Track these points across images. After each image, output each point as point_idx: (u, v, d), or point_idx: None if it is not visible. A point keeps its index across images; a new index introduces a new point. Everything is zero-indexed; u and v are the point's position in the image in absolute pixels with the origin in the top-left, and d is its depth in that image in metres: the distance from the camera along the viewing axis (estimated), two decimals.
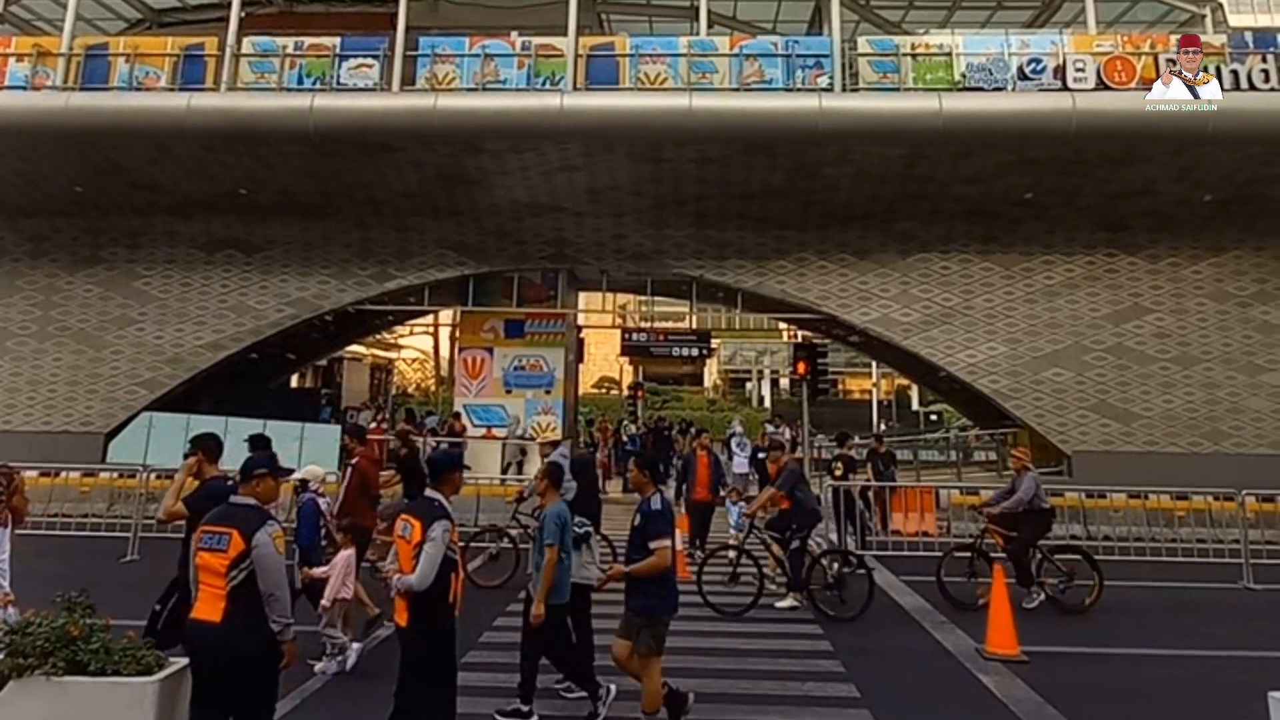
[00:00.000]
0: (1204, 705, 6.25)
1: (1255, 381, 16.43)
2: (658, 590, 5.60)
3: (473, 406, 18.98)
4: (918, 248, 17.28)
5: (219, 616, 4.02)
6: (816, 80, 15.06)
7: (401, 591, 4.52)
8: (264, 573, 4.08)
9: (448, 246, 17.84)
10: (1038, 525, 9.24)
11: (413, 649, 4.61)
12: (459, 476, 5.12)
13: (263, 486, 4.43)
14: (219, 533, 4.13)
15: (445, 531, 4.53)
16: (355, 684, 6.48)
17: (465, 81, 15.38)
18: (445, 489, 4.87)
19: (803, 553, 8.98)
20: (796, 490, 9.22)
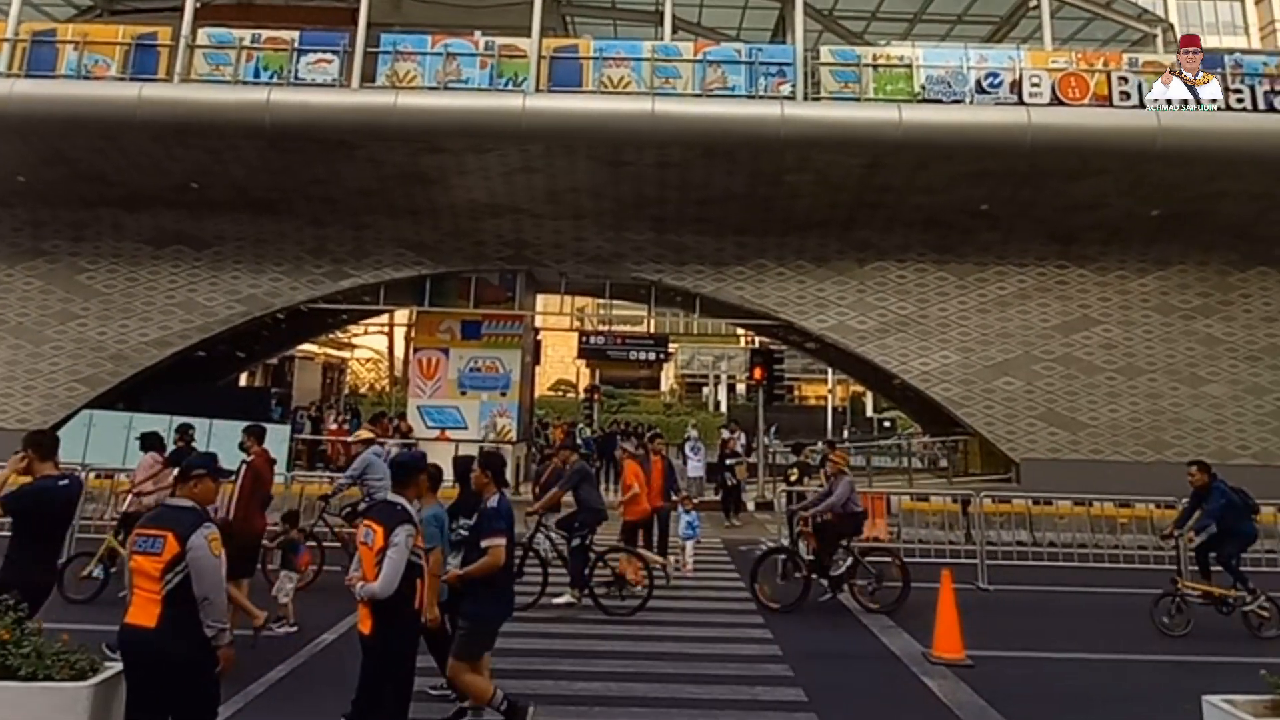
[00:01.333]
0: (1141, 709, 6.35)
1: (1197, 393, 16.93)
2: (488, 592, 5.36)
3: (427, 408, 18.80)
4: (875, 256, 17.50)
5: (153, 621, 3.88)
6: (779, 88, 15.22)
7: (364, 599, 4.41)
8: (199, 576, 3.94)
9: (405, 246, 17.64)
10: (848, 526, 9.42)
11: (376, 658, 4.49)
12: (424, 480, 5.05)
13: (201, 488, 4.27)
14: (153, 535, 3.98)
15: (409, 537, 4.42)
16: (300, 688, 6.33)
17: (427, 80, 15.26)
18: (409, 492, 4.78)
19: (585, 551, 8.92)
20: (580, 489, 9.24)
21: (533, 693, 6.18)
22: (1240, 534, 8.86)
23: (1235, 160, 14.97)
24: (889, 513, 13.69)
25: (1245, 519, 8.85)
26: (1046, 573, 11.24)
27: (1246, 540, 8.90)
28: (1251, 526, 8.94)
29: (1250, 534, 8.93)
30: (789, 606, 9.03)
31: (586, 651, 7.32)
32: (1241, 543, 8.87)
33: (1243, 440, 16.71)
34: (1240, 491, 8.96)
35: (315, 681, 6.38)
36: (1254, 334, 17.21)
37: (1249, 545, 9.00)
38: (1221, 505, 8.76)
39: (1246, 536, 8.89)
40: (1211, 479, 9.05)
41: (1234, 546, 8.82)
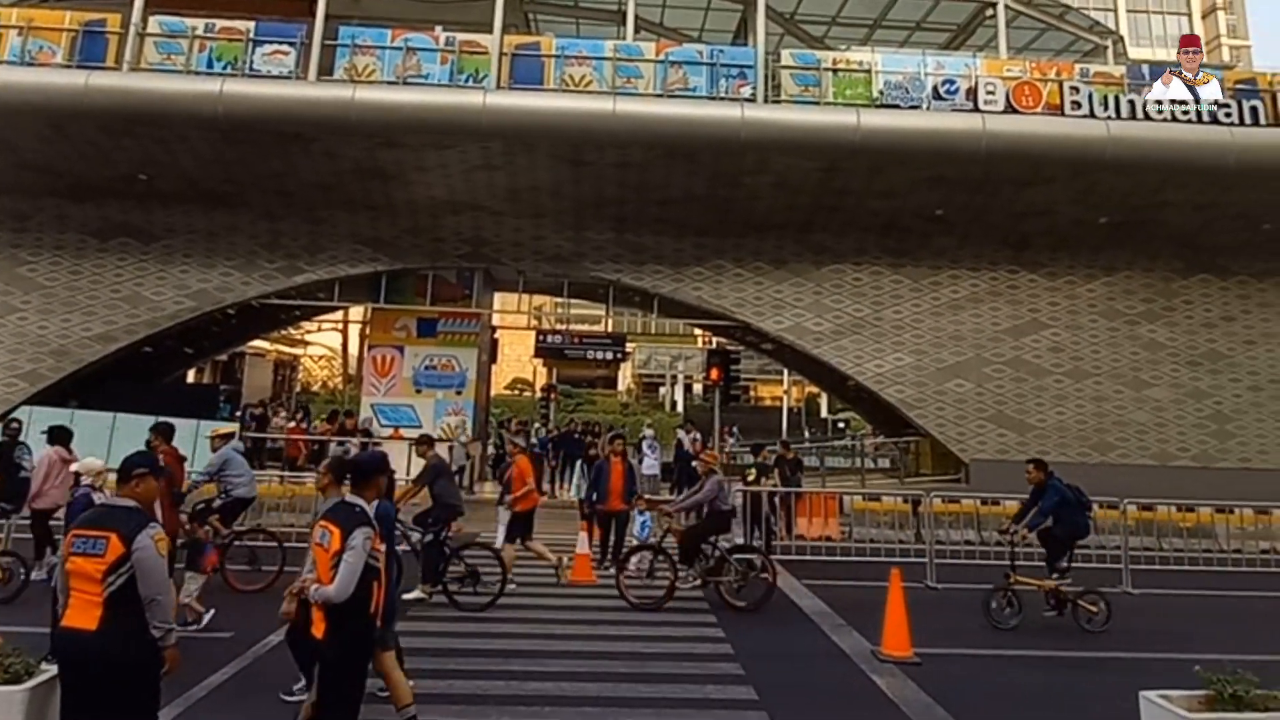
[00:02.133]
0: (1080, 703, 6.51)
1: (1140, 396, 17.44)
2: None
3: (381, 406, 18.59)
4: (832, 259, 17.73)
5: (95, 624, 3.78)
6: (740, 90, 15.31)
7: (319, 603, 4.27)
8: (146, 577, 3.85)
9: (361, 241, 17.44)
10: (715, 524, 9.50)
11: (331, 663, 4.35)
12: (384, 481, 4.91)
13: (143, 487, 4.17)
14: (95, 536, 3.86)
15: (367, 539, 4.30)
16: (242, 691, 6.22)
17: (386, 74, 15.11)
18: (368, 493, 4.65)
19: (438, 546, 8.83)
20: (436, 485, 9.17)
21: (484, 694, 6.20)
22: (1073, 528, 9.09)
23: (1180, 170, 15.42)
24: (841, 512, 13.84)
25: (1078, 514, 9.12)
26: (994, 571, 11.41)
27: (1078, 535, 9.18)
28: (1083, 522, 9.21)
29: (1083, 529, 9.21)
30: (652, 602, 8.98)
31: (539, 651, 7.29)
32: (1069, 535, 9.11)
33: (1183, 443, 17.27)
34: (1075, 488, 9.23)
35: (258, 685, 6.26)
36: (1195, 339, 17.79)
37: (1080, 539, 9.28)
38: (1056, 502, 8.96)
39: (1079, 531, 9.15)
40: (1048, 476, 9.30)
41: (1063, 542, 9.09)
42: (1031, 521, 9.12)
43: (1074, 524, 9.09)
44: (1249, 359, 17.77)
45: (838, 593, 9.43)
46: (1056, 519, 9.01)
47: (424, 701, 5.94)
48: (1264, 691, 4.35)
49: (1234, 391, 17.59)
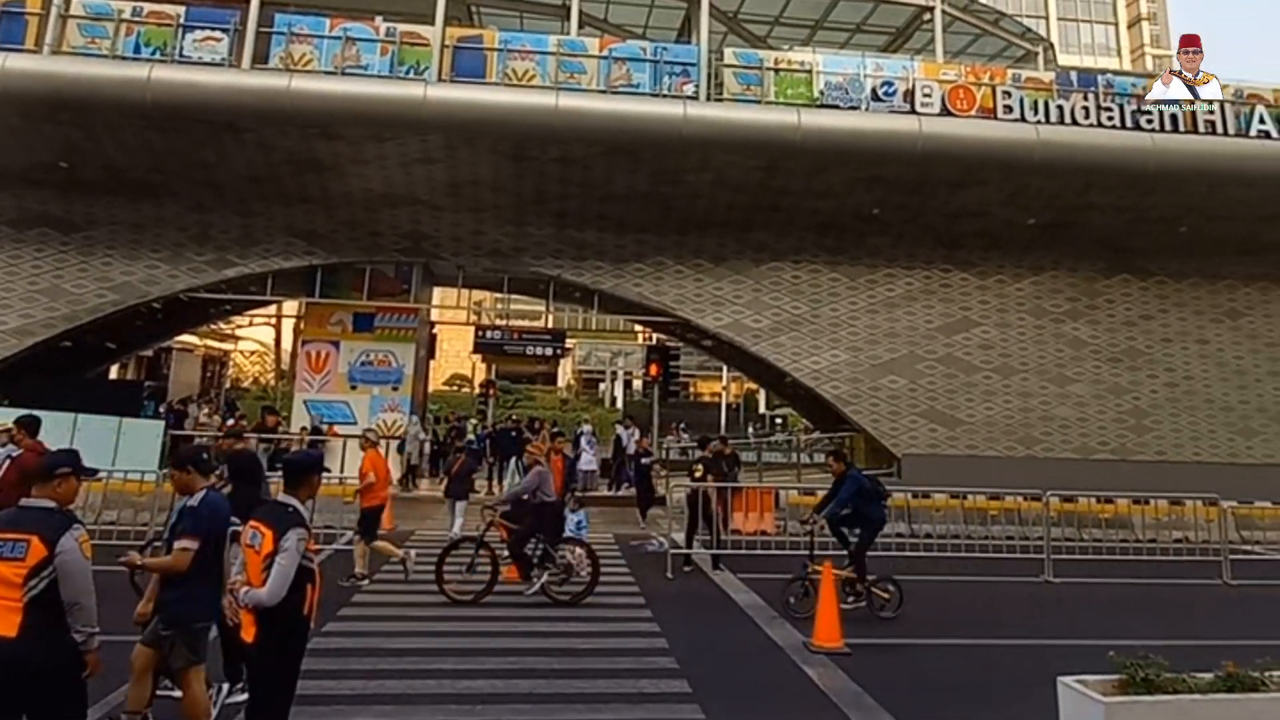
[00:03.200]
0: (1002, 690, 6.72)
1: (1064, 392, 18.08)
2: (186, 594, 4.83)
3: (314, 402, 18.20)
4: (771, 257, 17.94)
5: (14, 630, 3.64)
6: (682, 88, 15.37)
7: (249, 606, 4.15)
8: (69, 580, 3.74)
9: (295, 234, 17.04)
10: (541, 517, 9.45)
11: (261, 669, 4.26)
12: (318, 479, 4.76)
13: (65, 487, 4.04)
14: (14, 539, 3.72)
15: (301, 540, 4.19)
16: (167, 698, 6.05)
17: (323, 64, 14.79)
18: (302, 492, 4.51)
19: None
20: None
21: (415, 693, 6.15)
22: (869, 519, 9.24)
23: (1104, 174, 15.97)
24: (777, 507, 14.01)
25: (874, 505, 9.28)
26: (923, 563, 11.77)
27: (876, 525, 9.30)
28: (880, 512, 9.36)
29: (879, 519, 9.35)
30: (474, 597, 8.88)
31: (471, 649, 7.26)
32: (872, 528, 9.26)
33: (1103, 437, 17.97)
34: (874, 479, 9.54)
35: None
36: (1116, 337, 18.51)
37: (879, 530, 9.39)
38: (852, 492, 9.10)
39: (876, 522, 9.29)
40: (847, 468, 9.49)
41: (866, 532, 9.25)
42: (829, 511, 9.27)
43: (870, 517, 9.22)
44: (1165, 356, 18.57)
45: (772, 586, 9.58)
46: (854, 509, 9.17)
47: (354, 703, 5.92)
48: (1173, 675, 4.52)
49: (1151, 388, 18.37)
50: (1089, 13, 56.43)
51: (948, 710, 6.28)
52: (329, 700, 5.85)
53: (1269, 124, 16.09)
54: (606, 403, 47.95)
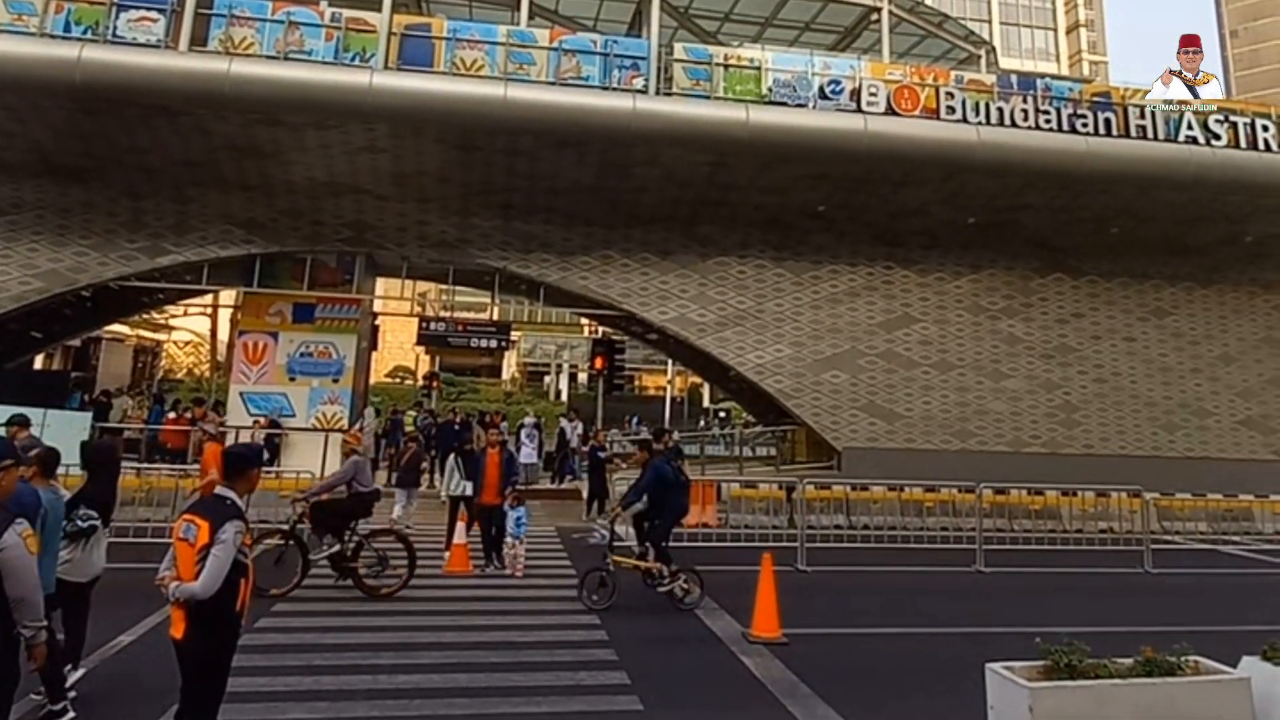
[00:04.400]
0: (933, 677, 6.90)
1: (999, 387, 18.61)
2: None
3: (251, 394, 17.77)
4: (717, 252, 18.08)
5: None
6: (632, 81, 15.35)
7: (180, 600, 4.03)
8: (13, 576, 3.68)
9: (234, 222, 16.62)
10: (357, 506, 9.25)
11: (191, 664, 4.15)
12: (258, 473, 4.67)
13: (6, 480, 3.93)
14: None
15: (238, 533, 4.10)
16: (86, 696, 5.88)
17: (265, 49, 14.40)
18: (240, 486, 4.41)
19: None
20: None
21: (351, 688, 6.09)
22: (669, 508, 9.12)
23: (1040, 175, 16.40)
24: (719, 500, 14.15)
25: (675, 494, 9.16)
26: (861, 554, 12.05)
27: (676, 514, 9.24)
28: (680, 501, 9.25)
29: (679, 508, 9.25)
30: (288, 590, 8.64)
31: (409, 644, 7.20)
32: (672, 517, 9.17)
33: (1035, 431, 18.55)
34: (677, 469, 9.51)
35: (102, 689, 5.95)
36: (1049, 334, 19.10)
37: (679, 519, 9.36)
38: (651, 480, 9.04)
39: (676, 510, 9.21)
40: (651, 456, 9.50)
41: (665, 523, 9.12)
42: (626, 500, 9.20)
43: (669, 506, 9.11)
44: (1095, 353, 19.24)
45: (712, 578, 9.64)
46: (656, 498, 9.05)
47: (288, 699, 5.84)
48: (1095, 660, 4.68)
49: (1080, 384, 19.02)
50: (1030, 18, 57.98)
51: (881, 697, 6.42)
52: (262, 697, 5.76)
53: (1196, 130, 16.70)
54: (551, 395, 47.82)
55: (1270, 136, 16.89)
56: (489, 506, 10.57)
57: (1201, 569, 12.61)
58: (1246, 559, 13.74)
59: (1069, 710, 4.45)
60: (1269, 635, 5.29)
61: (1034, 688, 4.46)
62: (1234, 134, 16.82)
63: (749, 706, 6.17)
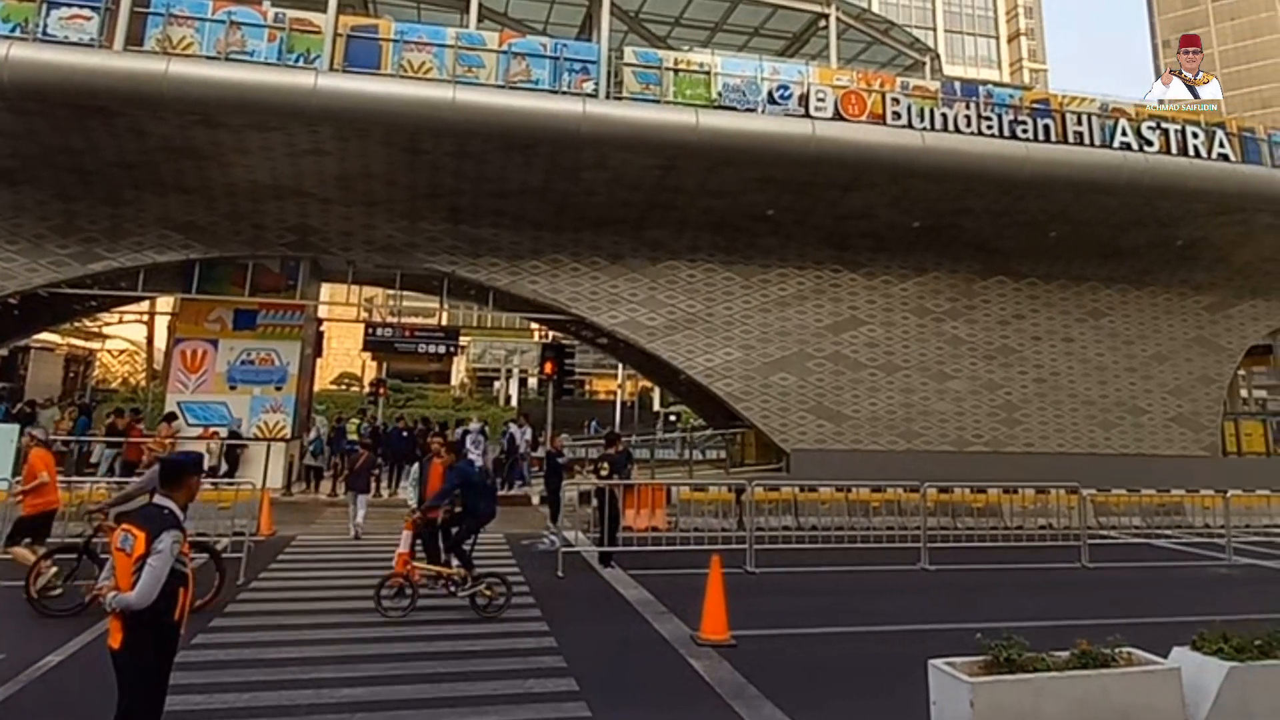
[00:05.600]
0: (879, 674, 7.01)
1: (943, 387, 19.00)
2: None
3: (189, 404, 17.33)
4: (667, 255, 18.15)
5: None
6: (582, 85, 15.34)
7: (116, 610, 3.97)
8: None
9: (171, 227, 16.18)
10: None
11: (129, 675, 4.06)
12: (197, 482, 4.60)
13: None
14: None
15: (175, 543, 4.05)
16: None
17: (205, 49, 14.06)
18: (179, 495, 4.35)
19: None
20: None
21: (292, 704, 5.95)
22: (475, 513, 8.94)
23: (982, 180, 16.80)
24: (669, 503, 14.17)
25: (483, 499, 9.04)
26: (809, 555, 12.16)
27: (481, 519, 9.01)
28: (485, 506, 9.07)
29: (485, 513, 9.05)
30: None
31: (352, 656, 7.07)
32: (475, 522, 8.95)
33: (978, 430, 18.99)
34: (485, 471, 9.51)
35: (26, 713, 5.75)
36: (991, 335, 19.57)
37: (482, 524, 9.09)
38: (454, 484, 8.88)
39: (481, 515, 9.00)
40: (456, 458, 9.36)
41: (466, 526, 8.90)
42: (431, 503, 9.00)
43: (475, 510, 8.94)
44: (1035, 353, 19.77)
45: (662, 582, 9.71)
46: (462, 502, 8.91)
47: (226, 717, 5.68)
48: (1033, 654, 4.81)
49: (1021, 384, 19.53)
50: (973, 26, 59.37)
51: (827, 696, 6.49)
52: (198, 716, 5.61)
53: (1130, 137, 17.27)
54: (501, 401, 47.49)
55: (1199, 143, 17.54)
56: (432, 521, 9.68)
57: (1135, 562, 12.99)
58: (1178, 552, 14.20)
59: (1008, 703, 4.55)
60: (1198, 626, 5.47)
61: (974, 682, 4.55)
62: (1165, 141, 17.42)
63: (696, 708, 6.18)
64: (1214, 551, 13.73)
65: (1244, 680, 4.80)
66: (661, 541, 12.12)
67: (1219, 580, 11.93)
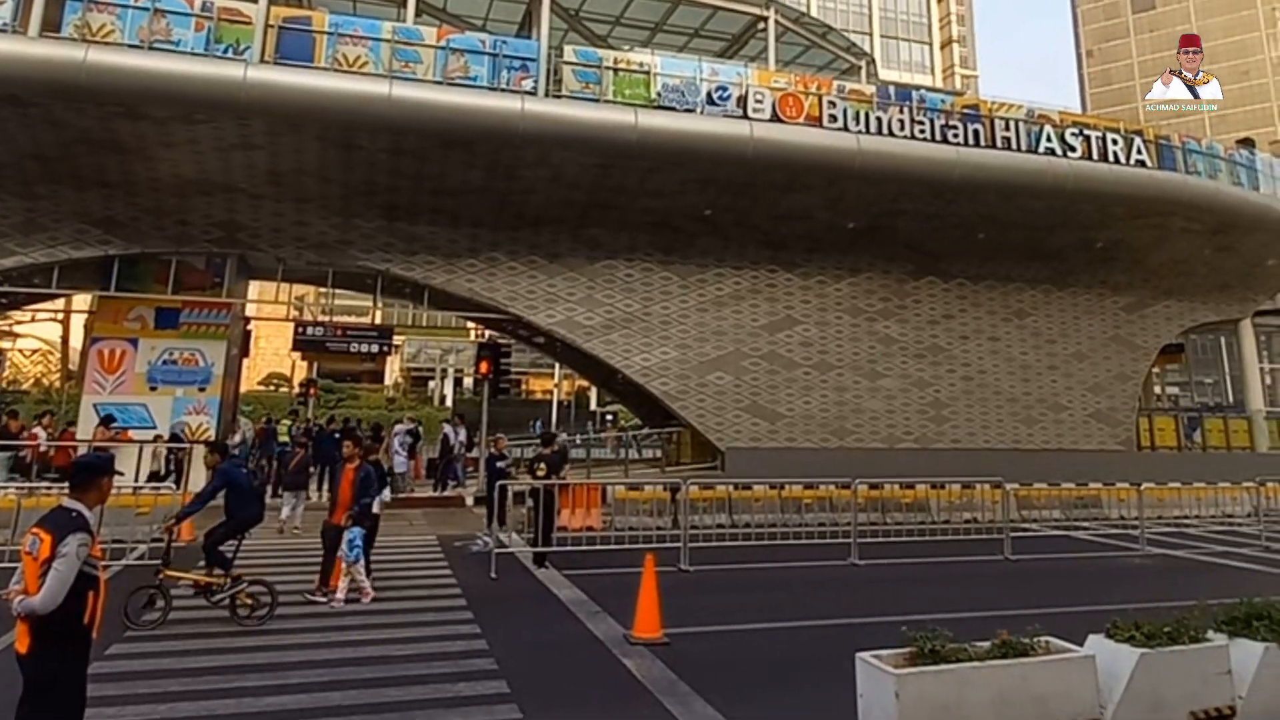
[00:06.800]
0: (809, 668, 7.13)
1: (875, 386, 19.43)
2: None
3: (106, 405, 16.61)
4: (605, 255, 18.15)
5: None
6: (521, 83, 15.25)
7: (22, 615, 3.87)
8: None
9: (89, 221, 15.56)
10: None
11: (36, 681, 3.95)
12: (108, 484, 4.46)
13: None
14: None
15: (82, 545, 3.96)
16: None
17: (128, 36, 13.58)
18: (89, 497, 4.24)
19: None
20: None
21: (211, 714, 5.81)
22: (236, 517, 8.53)
23: (915, 183, 17.21)
24: (604, 502, 14.21)
25: (250, 503, 8.65)
26: (742, 552, 12.33)
27: (244, 523, 8.57)
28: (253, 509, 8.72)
29: (249, 517, 8.64)
30: None
31: (276, 664, 6.92)
32: (235, 526, 8.49)
33: (908, 427, 19.48)
34: (251, 473, 9.38)
35: None
36: (921, 335, 20.08)
37: (247, 529, 8.68)
38: (217, 487, 8.51)
39: (245, 520, 8.57)
40: (222, 459, 9.00)
41: (226, 529, 8.45)
42: (188, 509, 8.55)
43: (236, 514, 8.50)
44: (963, 352, 20.36)
45: (596, 581, 9.73)
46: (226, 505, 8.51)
47: None
48: (956, 645, 4.93)
49: (950, 381, 20.09)
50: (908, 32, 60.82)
51: (758, 691, 6.58)
52: None
53: (1054, 142, 17.93)
54: (436, 401, 46.83)
55: (1119, 150, 18.29)
56: (334, 528, 9.29)
57: (1055, 554, 13.45)
58: (1095, 543, 14.80)
59: (931, 694, 4.64)
60: (1112, 614, 5.69)
61: (899, 674, 4.64)
62: (1087, 147, 18.12)
63: (628, 707, 6.21)
64: (1128, 542, 14.33)
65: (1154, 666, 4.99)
66: (596, 541, 12.15)
67: (1133, 570, 12.44)
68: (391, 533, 11.63)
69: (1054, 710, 4.79)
